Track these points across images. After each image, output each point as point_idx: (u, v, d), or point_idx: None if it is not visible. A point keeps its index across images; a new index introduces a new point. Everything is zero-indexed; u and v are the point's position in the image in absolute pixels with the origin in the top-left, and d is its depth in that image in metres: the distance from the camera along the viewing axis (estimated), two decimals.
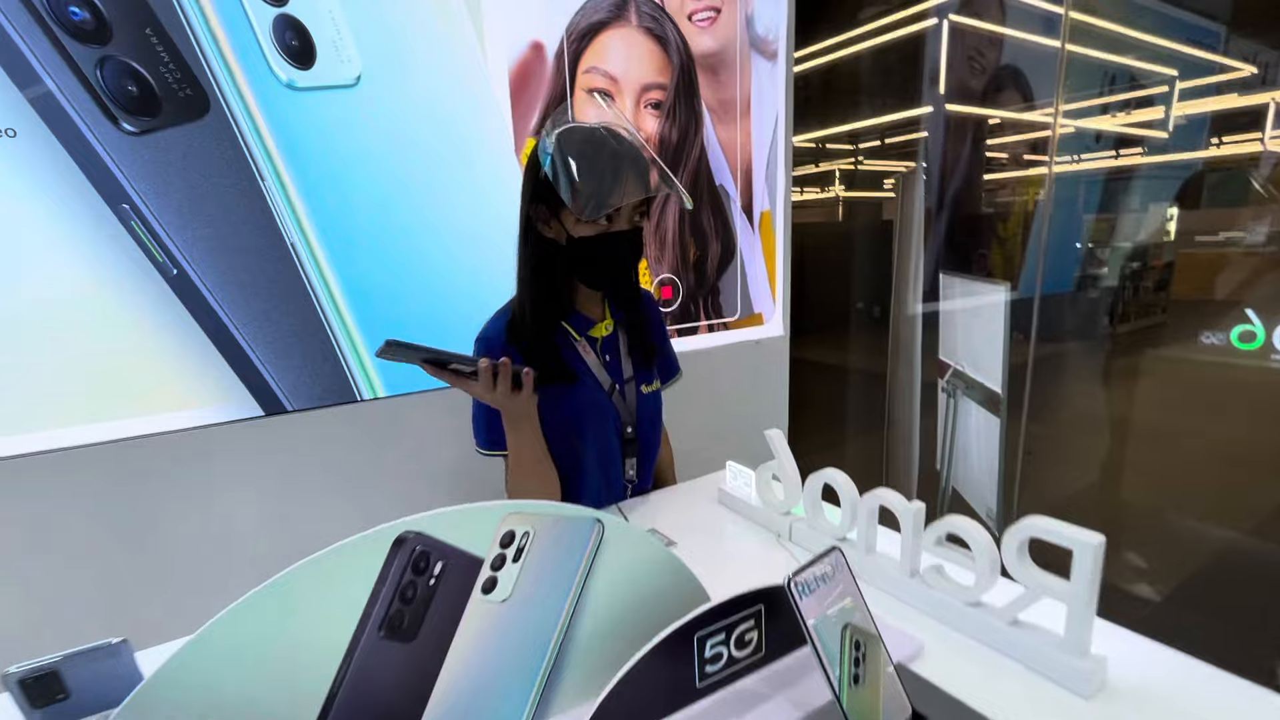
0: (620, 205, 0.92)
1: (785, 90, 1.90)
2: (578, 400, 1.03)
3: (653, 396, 1.12)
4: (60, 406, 1.11)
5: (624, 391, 1.07)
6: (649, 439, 1.13)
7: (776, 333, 2.04)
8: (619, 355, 1.07)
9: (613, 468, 1.10)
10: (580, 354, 1.03)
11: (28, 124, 1.04)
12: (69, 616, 1.15)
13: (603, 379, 1.04)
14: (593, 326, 1.05)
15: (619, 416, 1.07)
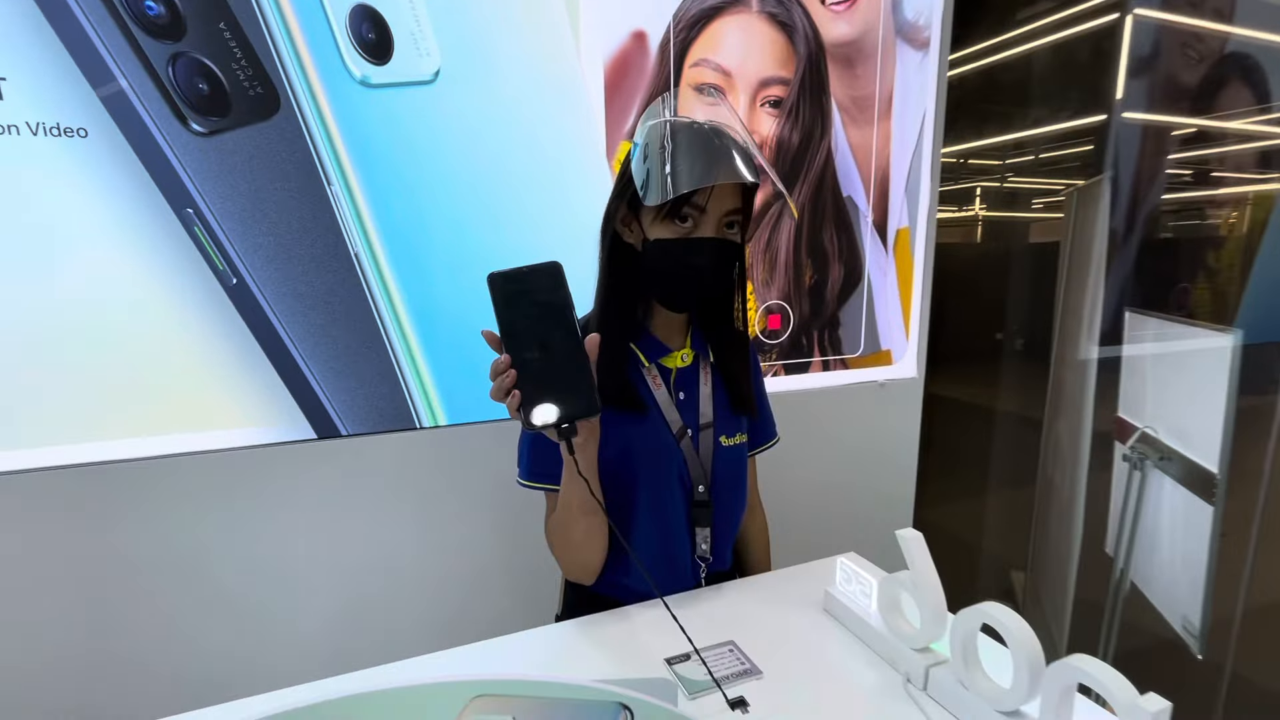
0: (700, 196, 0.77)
1: (938, 87, 1.58)
2: (639, 440, 0.84)
3: (735, 452, 0.90)
4: (112, 417, 1.06)
5: (697, 440, 0.87)
6: (728, 506, 0.91)
7: (908, 374, 1.70)
8: (696, 394, 0.87)
9: (677, 539, 0.89)
10: (648, 384, 0.86)
11: (99, 124, 1.00)
12: (108, 626, 1.10)
13: (671, 418, 0.85)
14: (667, 354, 0.87)
15: (687, 470, 0.86)
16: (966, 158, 2.56)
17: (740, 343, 0.90)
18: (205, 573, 1.14)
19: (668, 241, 0.79)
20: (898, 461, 1.74)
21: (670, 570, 0.90)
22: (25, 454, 1.03)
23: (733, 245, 0.82)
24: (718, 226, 0.79)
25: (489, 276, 0.63)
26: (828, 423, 1.63)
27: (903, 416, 1.72)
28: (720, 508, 0.90)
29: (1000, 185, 2.52)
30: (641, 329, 0.87)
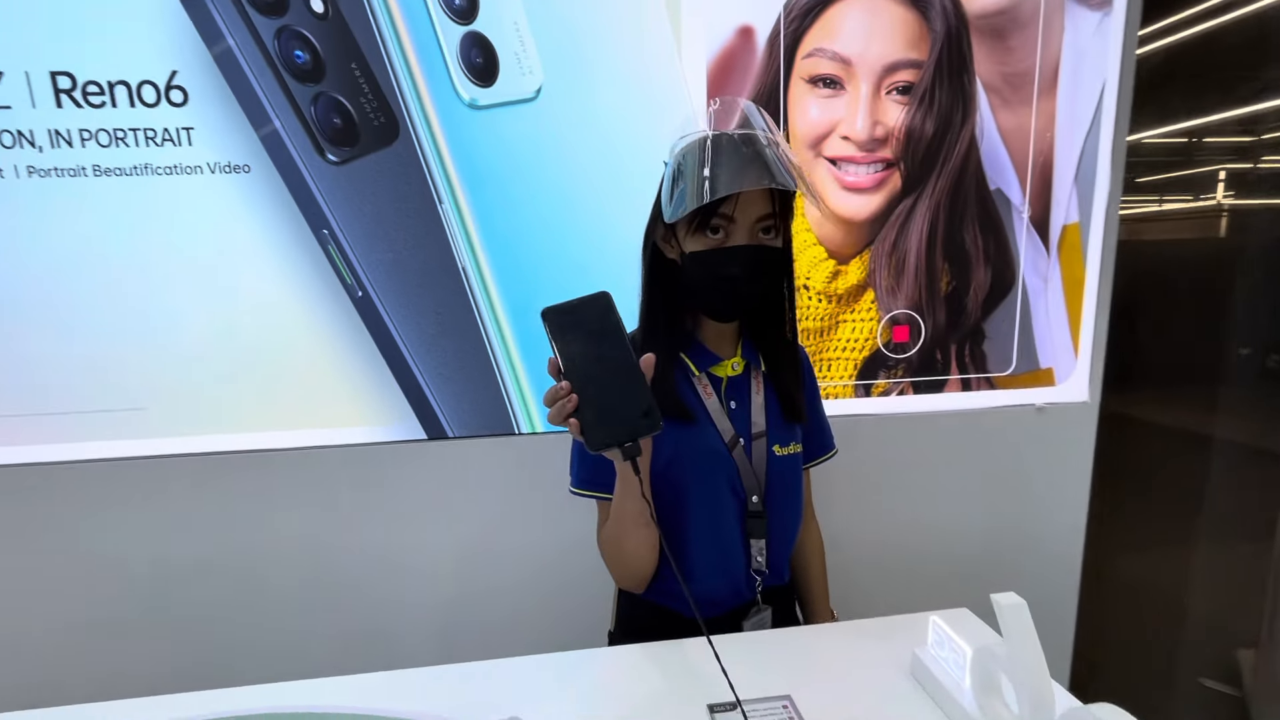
0: (727, 205, 0.76)
1: (1124, 52, 1.31)
2: (689, 448, 0.84)
3: (789, 462, 0.89)
4: (248, 411, 1.23)
5: (750, 449, 0.86)
6: (783, 517, 0.89)
7: (1076, 397, 1.43)
8: (748, 403, 0.87)
9: (732, 551, 0.87)
10: (699, 393, 0.85)
11: (259, 160, 1.16)
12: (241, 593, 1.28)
13: (723, 427, 0.85)
14: (717, 363, 0.87)
15: (740, 480, 0.85)
16: (1199, 135, 2.09)
17: (791, 350, 0.89)
18: (321, 554, 1.28)
19: (702, 253, 0.79)
20: (1061, 504, 1.47)
21: (726, 582, 0.88)
22: (187, 440, 1.23)
23: (769, 250, 0.80)
24: (750, 233, 0.78)
25: (542, 312, 0.67)
26: (968, 453, 1.42)
27: (1068, 450, 1.45)
28: (775, 518, 0.88)
29: (1253, 167, 2.02)
30: (690, 339, 0.88)
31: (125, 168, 1.14)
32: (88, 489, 1.22)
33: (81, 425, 1.21)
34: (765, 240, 0.79)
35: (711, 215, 0.77)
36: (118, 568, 1.25)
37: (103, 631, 1.26)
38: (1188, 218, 2.16)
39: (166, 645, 1.27)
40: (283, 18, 1.12)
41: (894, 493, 1.42)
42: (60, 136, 1.11)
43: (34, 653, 1.25)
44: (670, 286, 0.85)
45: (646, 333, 0.85)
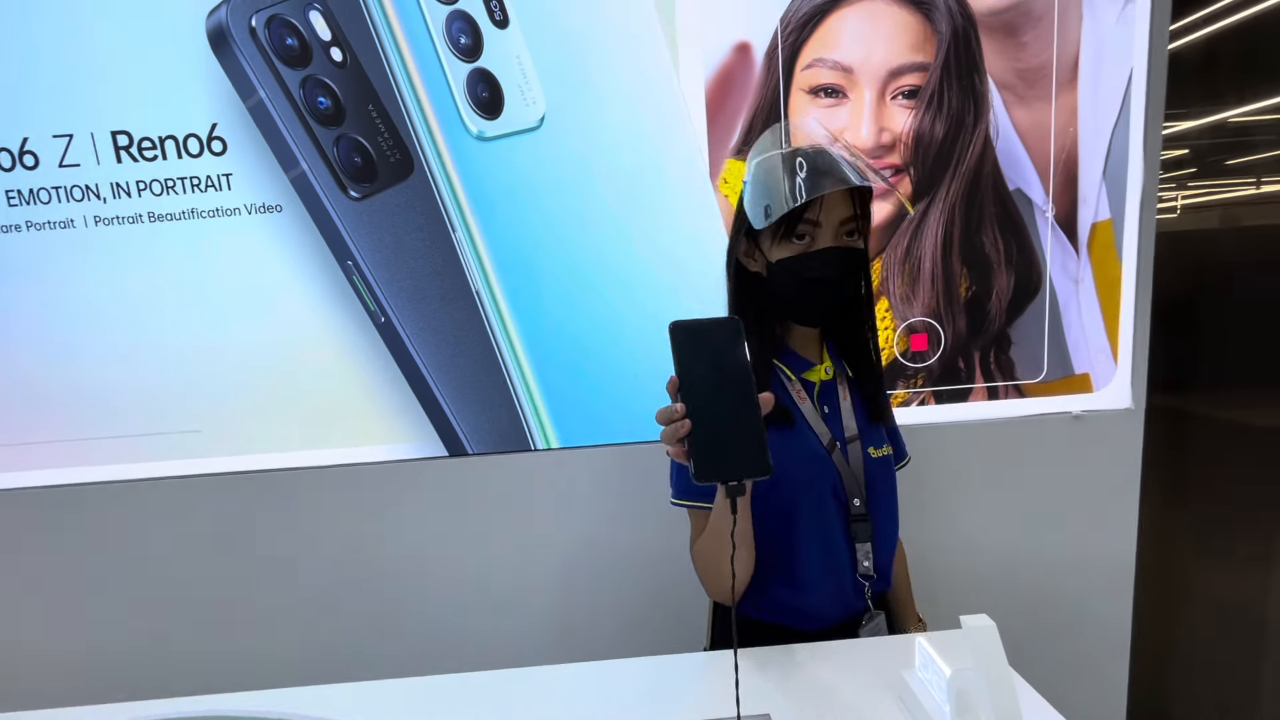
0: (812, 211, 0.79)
1: (1151, 41, 1.24)
2: (792, 453, 0.84)
3: (885, 464, 0.90)
4: (287, 431, 1.32)
5: (847, 452, 0.87)
6: (886, 519, 0.90)
7: (1118, 404, 1.35)
8: (838, 407, 0.89)
9: (839, 556, 0.87)
10: (794, 398, 0.87)
11: (289, 200, 1.25)
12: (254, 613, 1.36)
13: (820, 431, 0.87)
14: (809, 369, 0.89)
15: (842, 483, 0.86)
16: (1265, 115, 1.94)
17: (873, 353, 0.91)
18: (348, 568, 1.35)
19: (790, 260, 0.82)
20: (1107, 517, 1.38)
21: (834, 591, 0.88)
22: (221, 460, 1.33)
23: (854, 252, 0.83)
24: (835, 235, 0.81)
25: (671, 326, 0.65)
26: (1000, 465, 1.36)
27: (1112, 459, 1.36)
28: (879, 521, 0.88)
29: None
30: (782, 346, 0.90)
31: (176, 213, 1.26)
32: (150, 505, 1.34)
33: (144, 447, 1.33)
34: (849, 242, 0.83)
35: (798, 222, 0.80)
36: (174, 579, 1.36)
37: (148, 635, 1.37)
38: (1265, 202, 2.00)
39: (210, 649, 1.37)
40: (306, 68, 1.21)
41: (920, 507, 1.37)
42: (120, 188, 1.24)
43: (87, 653, 1.38)
44: (758, 298, 0.87)
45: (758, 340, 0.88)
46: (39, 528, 1.34)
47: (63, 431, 1.32)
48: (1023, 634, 1.04)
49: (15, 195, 1.24)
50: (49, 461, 1.33)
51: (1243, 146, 1.79)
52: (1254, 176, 1.80)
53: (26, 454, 1.33)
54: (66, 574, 1.36)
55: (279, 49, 1.20)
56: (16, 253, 1.26)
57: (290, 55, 1.20)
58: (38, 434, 1.32)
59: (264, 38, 1.19)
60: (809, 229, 0.80)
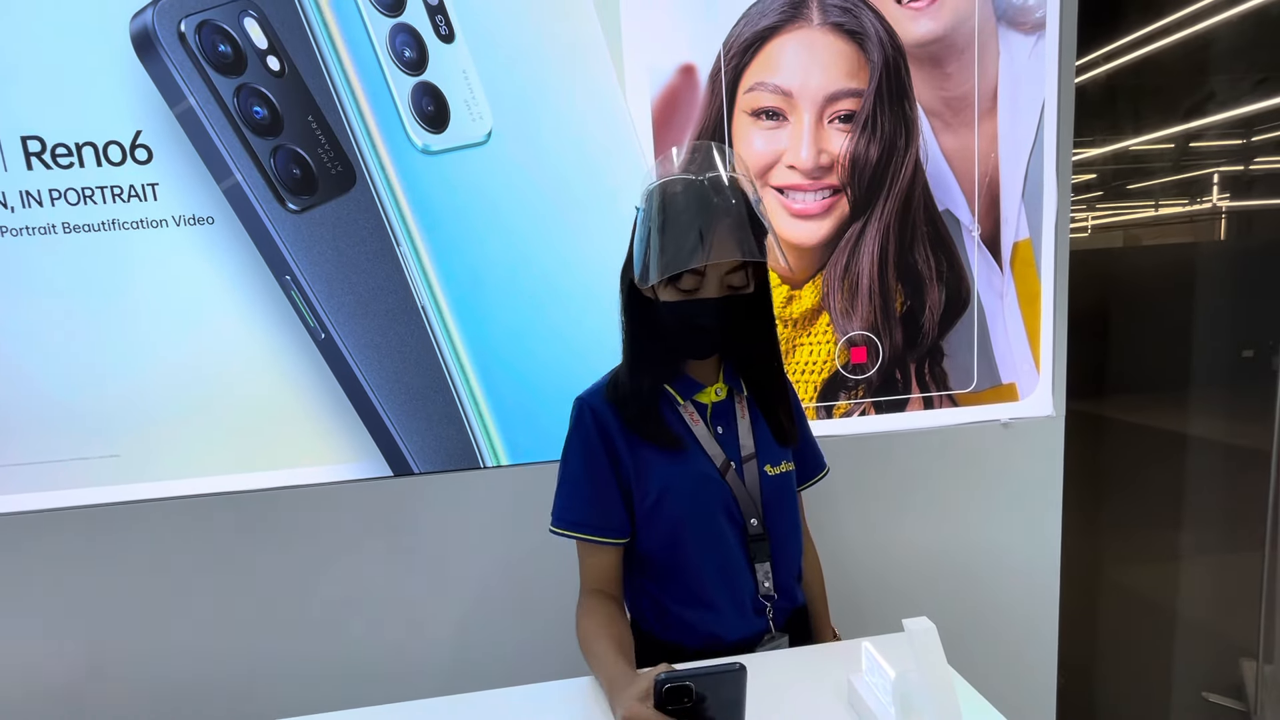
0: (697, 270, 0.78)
1: (1060, 72, 1.35)
2: (677, 477, 0.85)
3: (783, 481, 0.90)
4: (219, 454, 1.26)
5: (742, 472, 0.87)
6: (785, 538, 0.90)
7: (1041, 411, 1.43)
8: (735, 427, 0.88)
9: (739, 575, 0.87)
10: (686, 421, 0.87)
11: (221, 211, 1.20)
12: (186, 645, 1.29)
13: (713, 452, 0.86)
14: (700, 390, 0.89)
15: (736, 504, 0.86)
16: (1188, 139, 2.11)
17: (774, 376, 0.91)
18: (285, 597, 1.29)
19: (675, 304, 0.81)
20: (1033, 518, 1.46)
21: (735, 612, 0.87)
22: (157, 485, 1.26)
23: (738, 298, 0.83)
24: (720, 286, 0.80)
25: (656, 681, 0.59)
26: (936, 471, 1.42)
27: (1037, 464, 1.45)
28: (776, 540, 0.88)
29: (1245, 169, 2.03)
30: (674, 370, 0.89)
31: (94, 224, 1.18)
32: (65, 536, 1.24)
33: (60, 473, 1.24)
34: (736, 290, 0.82)
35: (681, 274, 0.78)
36: (93, 613, 1.26)
37: (61, 673, 1.27)
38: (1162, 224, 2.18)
39: (137, 680, 1.28)
40: (241, 76, 1.17)
41: (862, 513, 1.42)
42: (31, 197, 1.16)
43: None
44: (650, 322, 0.86)
45: (631, 367, 0.87)
46: None
47: None
48: (960, 633, 1.09)
49: None
50: None
51: (1142, 173, 1.95)
52: (1152, 200, 1.97)
53: None
54: None
55: (211, 56, 1.15)
56: None
57: (223, 62, 1.16)
58: None
59: (194, 43, 1.14)
60: (694, 280, 0.79)
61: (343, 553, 1.29)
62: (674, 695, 0.56)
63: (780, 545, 0.88)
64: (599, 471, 0.85)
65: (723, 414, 0.89)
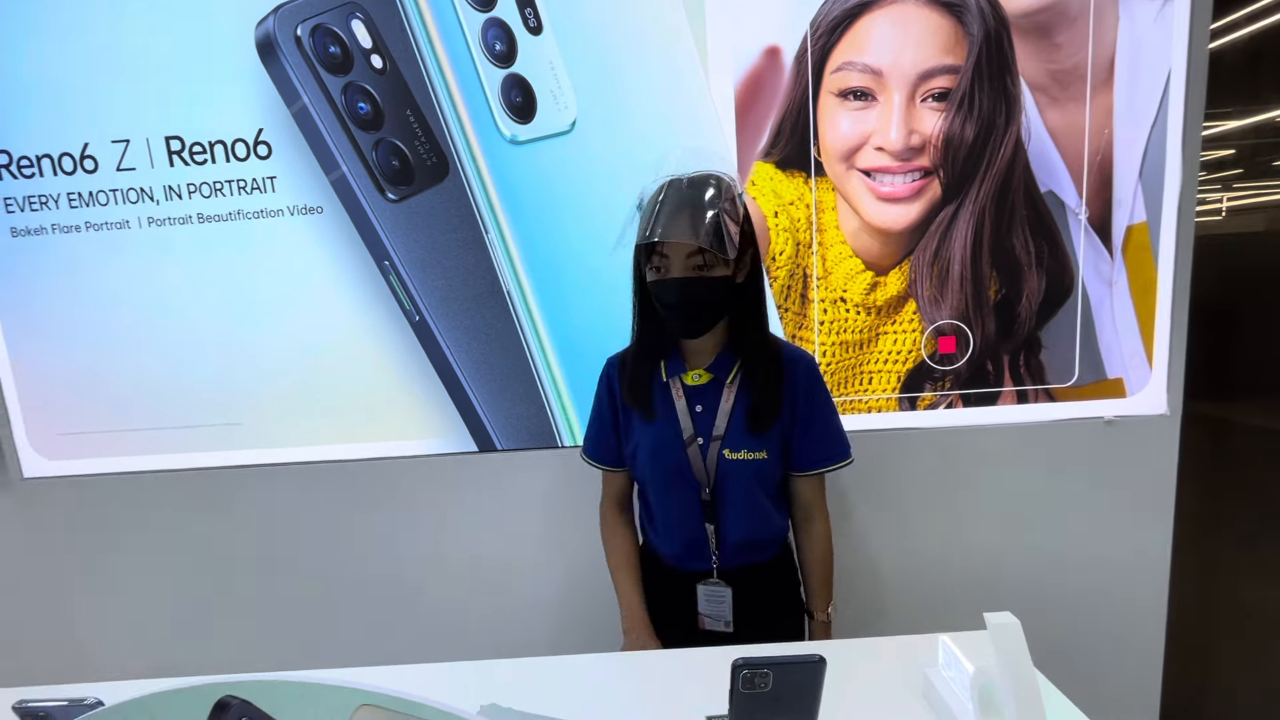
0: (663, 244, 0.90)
1: (1191, 41, 1.22)
2: (647, 441, 1.02)
3: (742, 467, 0.99)
4: (324, 425, 1.37)
5: (705, 448, 0.99)
6: (734, 513, 1.01)
7: (1153, 409, 1.32)
8: (715, 409, 1.00)
9: (691, 526, 1.03)
10: (671, 395, 1.01)
11: (329, 202, 1.30)
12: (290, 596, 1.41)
13: (685, 426, 1.00)
14: (684, 372, 1.01)
15: (691, 471, 1.00)
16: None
17: (765, 364, 0.98)
18: (378, 558, 1.40)
19: (651, 283, 0.95)
20: (1140, 524, 1.35)
21: (691, 551, 1.04)
22: (271, 452, 1.39)
23: (706, 281, 0.91)
24: (684, 267, 0.91)
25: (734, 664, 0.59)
26: (1029, 469, 1.34)
27: (1147, 466, 1.34)
28: (724, 512, 1.00)
29: None
30: (669, 349, 1.02)
31: (223, 214, 1.31)
32: (194, 494, 1.40)
33: (190, 438, 1.39)
34: (701, 273, 0.91)
35: (653, 253, 0.92)
36: (215, 564, 1.42)
37: (190, 614, 1.43)
38: None
39: (252, 629, 1.43)
40: (348, 75, 1.25)
41: (945, 510, 1.37)
42: (173, 191, 1.30)
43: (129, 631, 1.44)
44: (645, 302, 0.99)
45: (635, 342, 1.03)
46: (87, 514, 1.41)
47: (113, 422, 1.39)
48: (1050, 640, 1.03)
49: (76, 197, 1.31)
50: (100, 450, 1.40)
51: None
52: None
53: (79, 443, 1.40)
54: (113, 557, 1.43)
55: (322, 56, 1.24)
56: (77, 252, 1.33)
57: (333, 62, 1.25)
58: (89, 424, 1.39)
59: (309, 46, 1.24)
60: (661, 260, 0.92)
61: (430, 518, 1.38)
62: (750, 680, 0.57)
63: (727, 514, 1.01)
64: (603, 418, 1.07)
65: (702, 395, 1.00)
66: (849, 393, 1.34)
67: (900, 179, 1.26)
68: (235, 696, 0.41)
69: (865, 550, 1.38)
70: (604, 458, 1.09)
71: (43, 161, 1.30)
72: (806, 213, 1.29)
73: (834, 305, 1.31)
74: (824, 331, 1.32)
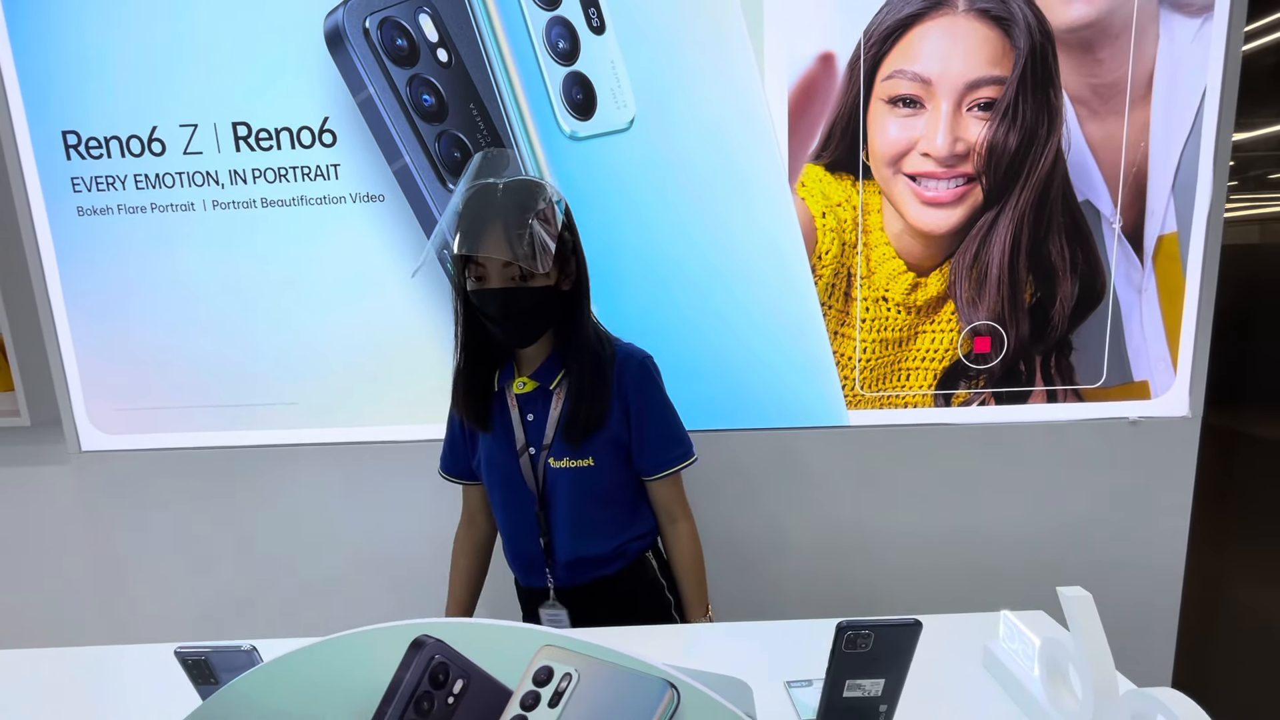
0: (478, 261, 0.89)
1: (1226, 57, 1.28)
2: (484, 453, 1.02)
3: (570, 474, 0.99)
4: (379, 407, 1.41)
5: (537, 458, 0.99)
6: (564, 522, 1.00)
7: (1175, 411, 1.39)
8: (545, 417, 0.99)
9: (527, 541, 1.03)
10: (507, 404, 1.00)
11: (391, 191, 1.34)
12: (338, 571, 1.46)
13: (518, 437, 1.00)
14: (513, 381, 1.00)
15: (524, 483, 1.00)
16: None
17: (589, 369, 0.97)
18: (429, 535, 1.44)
19: (471, 292, 0.93)
20: (1158, 522, 1.42)
21: (528, 567, 1.05)
22: (327, 431, 1.43)
23: (525, 292, 0.90)
24: (502, 277, 0.89)
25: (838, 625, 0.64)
26: (1056, 466, 1.40)
27: (1167, 466, 1.40)
28: (555, 522, 1.00)
29: None
30: (498, 358, 1.02)
31: (287, 199, 1.35)
32: (247, 469, 1.44)
33: (249, 416, 1.43)
34: (518, 284, 0.89)
35: (469, 262, 0.90)
36: (267, 536, 1.47)
37: (241, 587, 1.48)
38: None
39: (301, 603, 1.48)
40: (414, 67, 1.29)
41: (978, 502, 1.43)
42: (238, 175, 1.34)
43: (183, 594, 1.49)
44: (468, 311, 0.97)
45: (462, 353, 1.00)
46: (143, 487, 1.45)
47: (170, 399, 1.43)
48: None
49: (143, 179, 1.34)
50: (158, 426, 1.44)
51: None
52: None
53: (137, 418, 1.43)
54: (168, 529, 1.47)
55: (389, 49, 1.28)
56: (141, 232, 1.36)
57: (400, 55, 1.29)
58: (147, 400, 1.43)
59: (376, 38, 1.27)
60: (479, 269, 0.90)
61: None
62: (853, 640, 0.63)
63: (558, 526, 1.00)
64: (454, 431, 1.08)
65: (532, 403, 0.99)
66: (887, 388, 1.40)
67: (944, 184, 1.31)
68: (429, 635, 0.46)
69: (898, 537, 1.44)
70: (455, 471, 1.09)
71: (111, 143, 1.33)
72: (853, 214, 1.34)
73: (876, 304, 1.37)
74: (865, 329, 1.37)
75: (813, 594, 1.45)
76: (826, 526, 1.44)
